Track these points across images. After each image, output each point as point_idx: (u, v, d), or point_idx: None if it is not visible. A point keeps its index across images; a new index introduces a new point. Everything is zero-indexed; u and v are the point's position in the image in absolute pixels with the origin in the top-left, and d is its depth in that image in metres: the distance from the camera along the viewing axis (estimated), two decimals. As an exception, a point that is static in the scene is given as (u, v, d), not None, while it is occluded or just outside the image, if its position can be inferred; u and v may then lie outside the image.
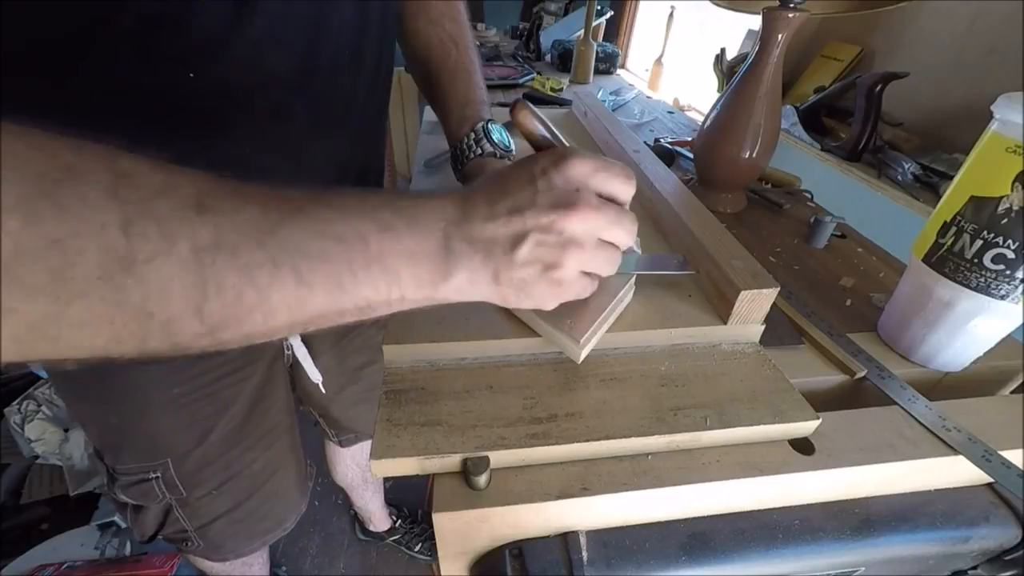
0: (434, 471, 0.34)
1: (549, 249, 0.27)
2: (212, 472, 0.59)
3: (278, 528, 0.73)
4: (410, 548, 1.21)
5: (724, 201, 0.74)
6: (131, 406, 0.51)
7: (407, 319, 0.42)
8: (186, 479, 0.58)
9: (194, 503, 0.60)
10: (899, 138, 0.99)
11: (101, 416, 0.53)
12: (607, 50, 1.67)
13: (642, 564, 0.33)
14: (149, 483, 0.56)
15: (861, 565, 0.37)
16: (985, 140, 0.39)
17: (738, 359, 0.43)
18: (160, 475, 0.56)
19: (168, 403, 0.52)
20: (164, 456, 0.55)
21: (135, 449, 0.55)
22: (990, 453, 0.37)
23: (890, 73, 0.91)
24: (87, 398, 0.52)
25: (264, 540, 0.72)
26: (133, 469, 0.56)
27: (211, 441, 0.57)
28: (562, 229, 0.27)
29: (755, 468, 0.35)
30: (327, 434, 0.89)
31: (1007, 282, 0.39)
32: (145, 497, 0.58)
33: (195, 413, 0.54)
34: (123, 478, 0.56)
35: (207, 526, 0.63)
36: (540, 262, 0.28)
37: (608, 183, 0.28)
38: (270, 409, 0.64)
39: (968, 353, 0.45)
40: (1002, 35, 0.85)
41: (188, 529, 0.63)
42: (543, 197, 0.27)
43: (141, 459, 0.55)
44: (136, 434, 0.53)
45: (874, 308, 0.54)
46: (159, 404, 0.52)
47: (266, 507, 0.69)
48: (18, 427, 1.16)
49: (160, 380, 0.50)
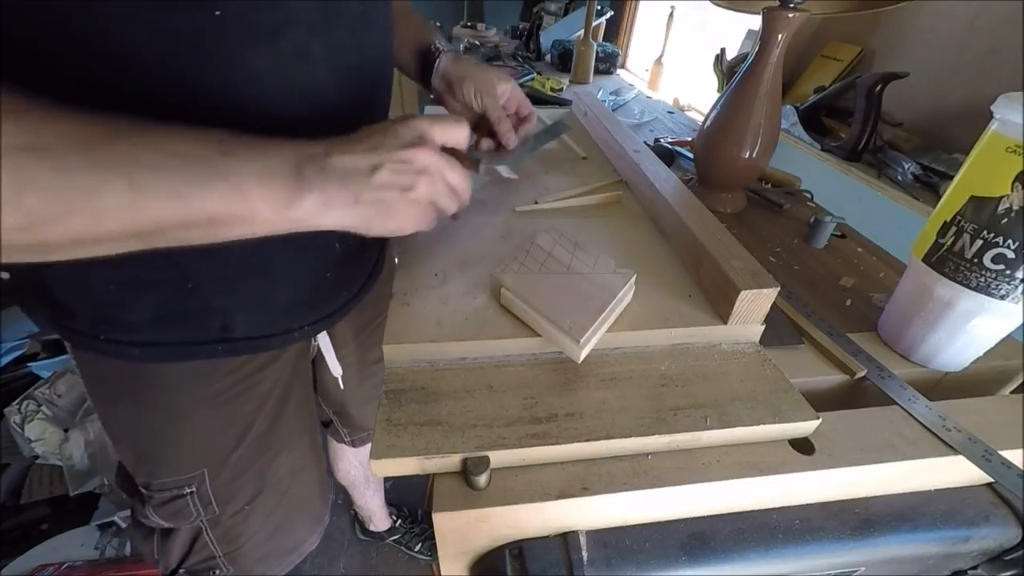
0: (434, 471, 0.34)
1: (404, 175, 0.34)
2: (245, 483, 0.58)
3: (304, 543, 0.71)
4: (410, 548, 1.21)
5: (724, 201, 0.74)
6: (171, 407, 0.50)
7: (407, 319, 0.42)
8: (220, 492, 0.57)
9: (226, 523, 0.59)
10: (899, 138, 0.99)
11: (139, 423, 0.52)
12: (607, 50, 1.67)
13: (642, 564, 0.33)
14: (184, 499, 0.55)
15: (861, 565, 0.37)
16: (985, 140, 0.39)
17: (738, 359, 0.43)
18: (195, 489, 0.55)
19: (208, 400, 0.51)
20: (200, 466, 0.55)
21: (172, 459, 0.54)
22: (990, 453, 0.37)
23: (890, 73, 0.91)
24: (126, 402, 0.51)
25: (290, 561, 0.70)
26: (168, 484, 0.54)
27: (246, 443, 0.56)
28: (412, 159, 0.34)
29: (755, 468, 0.35)
30: (339, 433, 0.88)
31: (1007, 282, 0.39)
32: (177, 516, 0.56)
33: (233, 412, 0.54)
34: (157, 496, 0.55)
35: (237, 551, 0.62)
36: (397, 186, 0.34)
37: (444, 131, 0.36)
38: (297, 406, 0.63)
39: (968, 353, 0.45)
40: (1002, 35, 0.85)
41: (216, 555, 0.62)
42: (395, 140, 0.34)
43: (177, 471, 0.54)
44: (174, 440, 0.52)
45: (874, 308, 0.54)
46: (199, 403, 0.51)
47: (291, 519, 0.67)
48: (18, 427, 1.16)
49: (201, 377, 0.50)
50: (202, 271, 0.43)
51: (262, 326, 0.49)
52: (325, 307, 0.55)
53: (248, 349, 0.50)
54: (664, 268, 0.50)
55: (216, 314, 0.45)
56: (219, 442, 0.55)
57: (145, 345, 0.45)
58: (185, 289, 0.43)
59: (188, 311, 0.44)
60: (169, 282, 0.42)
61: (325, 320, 0.55)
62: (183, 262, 0.42)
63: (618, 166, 0.72)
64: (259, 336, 0.49)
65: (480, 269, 0.49)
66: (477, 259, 0.50)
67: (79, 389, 1.27)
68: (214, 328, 0.46)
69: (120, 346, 0.44)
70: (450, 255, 0.51)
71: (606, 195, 0.63)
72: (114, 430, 0.54)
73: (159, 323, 0.44)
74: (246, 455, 0.57)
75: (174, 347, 0.45)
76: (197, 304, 0.44)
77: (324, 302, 0.54)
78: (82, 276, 0.41)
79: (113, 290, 0.41)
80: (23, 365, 1.33)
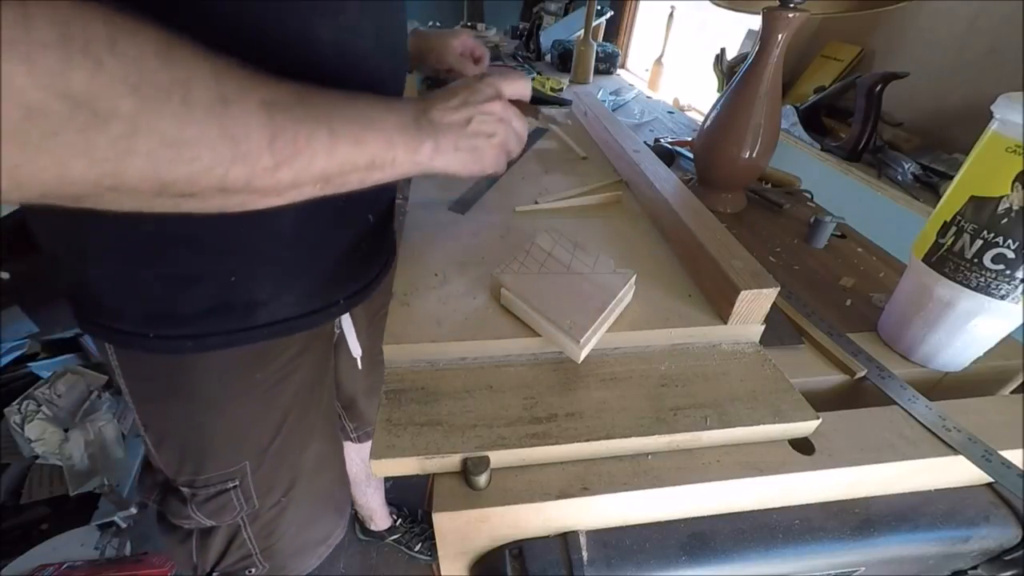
0: (434, 471, 0.34)
1: (488, 125, 0.41)
2: (281, 474, 0.60)
3: (331, 535, 0.73)
4: (410, 548, 1.21)
5: (724, 201, 0.74)
6: (216, 398, 0.51)
7: (407, 319, 0.42)
8: (260, 484, 0.58)
9: (264, 516, 0.60)
10: (899, 138, 0.99)
11: (185, 418, 0.52)
12: (607, 50, 1.67)
13: (642, 564, 0.33)
14: (227, 494, 0.56)
15: (861, 565, 0.37)
16: (985, 140, 0.39)
17: (738, 359, 0.43)
18: (238, 483, 0.56)
19: (251, 390, 0.53)
20: (243, 458, 0.56)
21: (218, 453, 0.55)
22: (990, 453, 0.37)
23: (890, 73, 0.91)
24: (172, 398, 0.51)
25: (320, 553, 0.72)
26: (213, 479, 0.56)
27: (283, 434, 0.58)
28: (492, 111, 0.41)
29: (755, 468, 0.35)
30: (345, 429, 0.89)
31: (1007, 282, 0.39)
32: (221, 512, 0.57)
33: (272, 400, 0.55)
34: (202, 492, 0.56)
35: (272, 546, 0.63)
36: (484, 134, 0.41)
37: (512, 86, 0.44)
38: (322, 393, 0.65)
39: (968, 353, 0.45)
40: (1002, 35, 0.85)
41: (253, 552, 0.63)
42: (478, 96, 0.41)
43: (222, 465, 0.55)
44: (220, 433, 0.54)
45: (874, 308, 0.54)
46: (242, 392, 0.52)
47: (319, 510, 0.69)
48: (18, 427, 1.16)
49: (244, 366, 0.51)
50: (245, 263, 0.45)
51: (305, 303, 0.51)
52: (361, 278, 0.57)
53: (294, 328, 0.51)
54: (664, 268, 0.50)
55: (261, 302, 0.47)
56: (260, 433, 0.56)
57: (196, 337, 0.46)
58: (228, 283, 0.44)
59: (234, 302, 0.46)
60: (213, 275, 0.44)
61: (361, 292, 0.57)
62: (225, 256, 0.43)
63: (618, 166, 0.72)
64: (303, 314, 0.51)
65: (480, 269, 0.49)
66: (477, 259, 0.50)
67: (79, 389, 1.27)
68: (261, 314, 0.48)
69: (171, 341, 0.46)
70: (450, 255, 0.51)
71: (606, 195, 0.63)
72: (158, 430, 0.54)
73: (207, 315, 0.45)
74: (282, 446, 0.58)
75: (223, 336, 0.47)
76: (242, 295, 0.46)
77: (360, 274, 0.57)
78: (131, 275, 0.43)
79: (162, 286, 0.43)
80: (23, 365, 1.33)
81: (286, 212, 0.43)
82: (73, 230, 0.42)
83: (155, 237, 0.41)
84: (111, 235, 0.41)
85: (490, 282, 0.46)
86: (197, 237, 0.42)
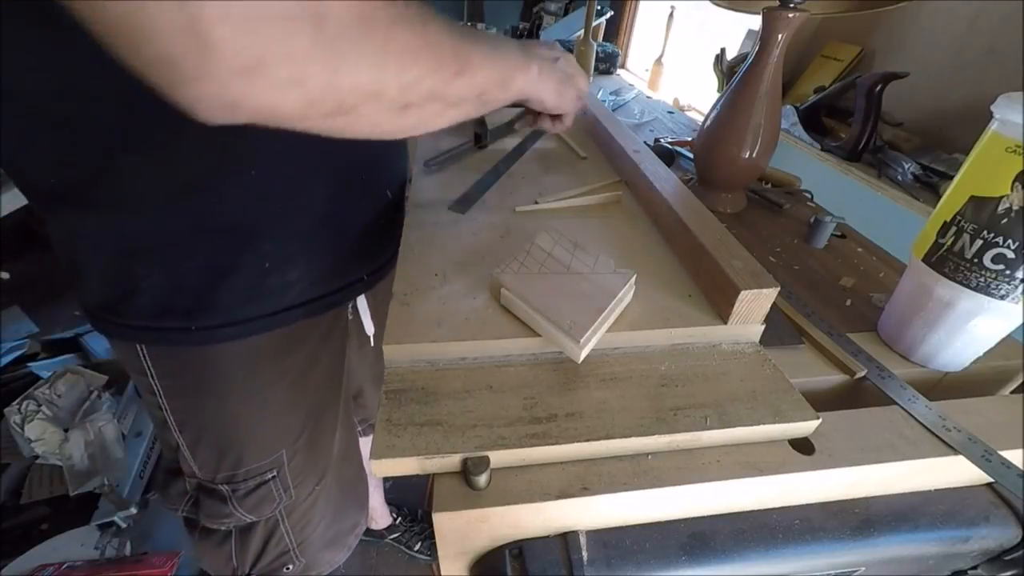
0: (434, 471, 0.34)
1: (571, 66, 0.49)
2: (313, 463, 0.61)
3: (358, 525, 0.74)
4: (410, 547, 1.21)
5: (724, 201, 0.74)
6: (252, 386, 0.52)
7: (407, 319, 0.42)
8: (295, 474, 0.59)
9: (300, 507, 0.61)
10: (899, 138, 0.99)
11: (222, 410, 0.53)
12: (607, 50, 1.67)
13: (642, 564, 0.33)
14: (267, 485, 0.57)
15: (861, 565, 0.37)
16: (985, 140, 0.39)
17: (738, 359, 0.43)
18: (276, 473, 0.57)
19: (284, 376, 0.54)
20: (279, 447, 0.57)
21: (256, 443, 0.56)
22: (990, 453, 0.37)
23: (890, 73, 0.91)
24: (207, 391, 0.52)
25: (349, 544, 0.73)
26: (253, 471, 0.56)
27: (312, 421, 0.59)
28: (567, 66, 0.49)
29: (755, 468, 0.35)
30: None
31: (1007, 282, 0.39)
32: (262, 505, 0.58)
33: (304, 387, 0.57)
34: (242, 486, 0.56)
35: (306, 540, 0.64)
36: (565, 72, 0.48)
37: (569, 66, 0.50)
38: (341, 381, 0.66)
39: (968, 353, 0.45)
40: (1002, 35, 0.85)
41: (291, 547, 0.63)
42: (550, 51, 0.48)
43: (261, 455, 0.56)
44: (257, 422, 0.55)
45: (874, 308, 0.54)
46: (276, 379, 0.54)
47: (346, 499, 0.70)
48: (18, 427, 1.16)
49: (277, 352, 0.52)
50: (279, 249, 0.46)
51: (331, 280, 0.53)
52: (381, 255, 0.59)
53: (324, 307, 0.53)
54: (664, 268, 0.50)
55: (291, 284, 0.49)
56: (293, 421, 0.57)
57: (236, 324, 0.48)
58: (263, 269, 0.46)
59: (271, 285, 0.47)
60: (251, 262, 0.45)
61: (382, 269, 0.59)
62: (261, 241, 0.45)
63: (618, 166, 0.72)
64: (332, 292, 0.53)
65: (480, 269, 0.49)
66: (477, 259, 0.50)
67: (79, 389, 1.27)
68: (292, 295, 0.49)
69: (213, 331, 0.47)
70: (450, 255, 0.51)
71: (606, 195, 0.63)
72: (196, 427, 0.54)
73: (246, 302, 0.47)
74: (313, 433, 0.60)
75: (260, 320, 0.49)
76: (275, 280, 0.47)
77: (379, 250, 0.59)
78: (175, 270, 0.44)
79: (204, 277, 0.45)
80: (23, 365, 1.33)
81: (318, 188, 0.47)
82: (115, 233, 0.42)
83: (196, 231, 0.42)
84: (155, 231, 0.42)
85: (490, 282, 0.46)
86: (234, 226, 0.43)
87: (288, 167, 0.44)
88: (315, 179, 0.46)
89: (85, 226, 0.43)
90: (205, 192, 0.41)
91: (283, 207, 0.45)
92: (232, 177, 0.41)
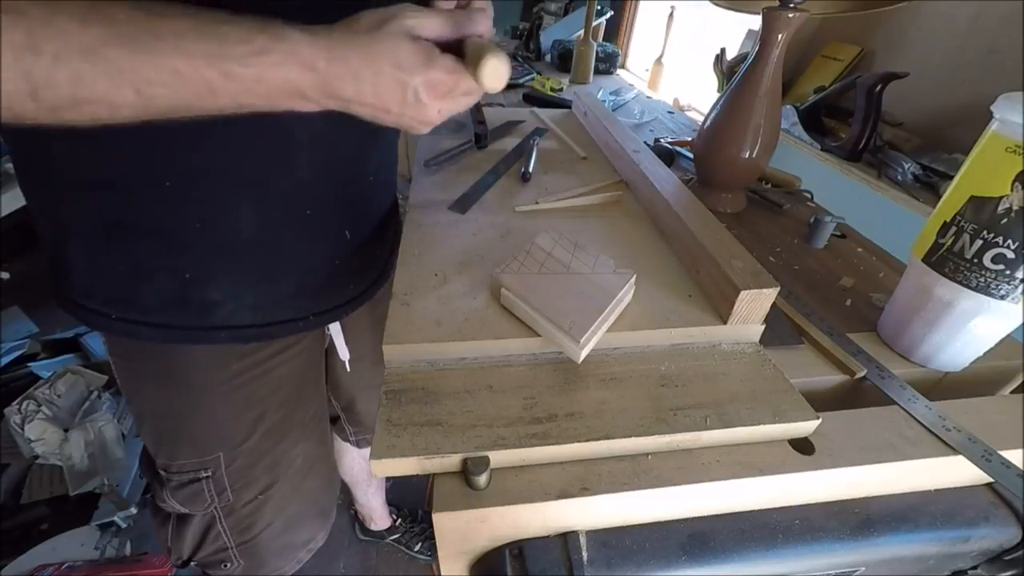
0: (434, 471, 0.34)
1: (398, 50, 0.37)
2: (259, 471, 0.60)
3: (313, 540, 0.72)
4: (410, 548, 1.21)
5: (724, 201, 0.74)
6: (189, 387, 0.52)
7: (407, 319, 0.42)
8: (234, 479, 0.58)
9: (239, 511, 0.60)
10: (899, 138, 0.99)
11: (160, 402, 0.54)
12: (607, 50, 1.67)
13: (642, 564, 0.33)
14: (199, 483, 0.57)
15: (861, 565, 0.37)
16: (985, 140, 0.39)
17: (738, 359, 0.43)
18: (211, 474, 0.57)
19: (225, 383, 0.53)
20: (216, 450, 0.56)
21: (190, 441, 0.55)
22: (990, 453, 0.37)
23: (890, 73, 0.91)
24: (148, 380, 0.53)
25: (300, 558, 0.71)
26: (187, 466, 0.56)
27: (261, 431, 0.58)
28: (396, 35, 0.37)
29: (755, 468, 0.35)
30: (344, 432, 0.88)
31: (1007, 282, 0.39)
32: (193, 501, 0.58)
33: (249, 396, 0.56)
34: (175, 478, 0.57)
35: (250, 541, 0.63)
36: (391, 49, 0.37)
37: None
38: (312, 396, 0.64)
39: (968, 353, 0.45)
40: (1002, 35, 0.85)
41: (229, 546, 0.63)
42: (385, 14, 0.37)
43: (196, 453, 0.56)
44: (192, 422, 0.54)
45: (874, 308, 0.54)
46: (216, 384, 0.53)
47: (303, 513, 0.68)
48: (18, 427, 1.16)
49: (218, 359, 0.52)
50: (200, 263, 0.45)
51: (267, 314, 0.51)
52: (335, 297, 0.56)
53: (253, 337, 0.51)
54: (664, 268, 0.51)
55: (216, 303, 0.47)
56: (235, 427, 0.56)
57: (155, 327, 0.47)
58: (183, 279, 0.45)
59: (189, 299, 0.46)
60: (168, 271, 0.45)
61: (333, 312, 0.57)
62: (181, 252, 0.44)
63: (618, 166, 0.72)
64: (264, 324, 0.51)
65: (480, 269, 0.49)
66: (477, 259, 0.50)
67: (79, 389, 1.27)
68: (218, 315, 0.48)
69: (131, 325, 0.47)
70: (450, 255, 0.51)
71: (606, 195, 0.63)
72: (138, 409, 0.56)
73: (165, 308, 0.46)
74: (261, 443, 0.58)
75: (182, 331, 0.48)
76: (196, 294, 0.46)
77: (333, 292, 0.56)
78: (95, 259, 0.44)
79: (122, 274, 0.45)
80: (23, 365, 1.33)
81: (244, 210, 0.44)
82: (54, 206, 0.44)
83: (115, 227, 0.43)
84: (81, 217, 0.43)
85: (490, 282, 0.46)
86: (154, 231, 0.43)
87: (208, 182, 0.42)
88: (241, 201, 0.44)
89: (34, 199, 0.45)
90: (120, 192, 0.41)
91: (202, 221, 0.43)
92: (146, 183, 0.41)
